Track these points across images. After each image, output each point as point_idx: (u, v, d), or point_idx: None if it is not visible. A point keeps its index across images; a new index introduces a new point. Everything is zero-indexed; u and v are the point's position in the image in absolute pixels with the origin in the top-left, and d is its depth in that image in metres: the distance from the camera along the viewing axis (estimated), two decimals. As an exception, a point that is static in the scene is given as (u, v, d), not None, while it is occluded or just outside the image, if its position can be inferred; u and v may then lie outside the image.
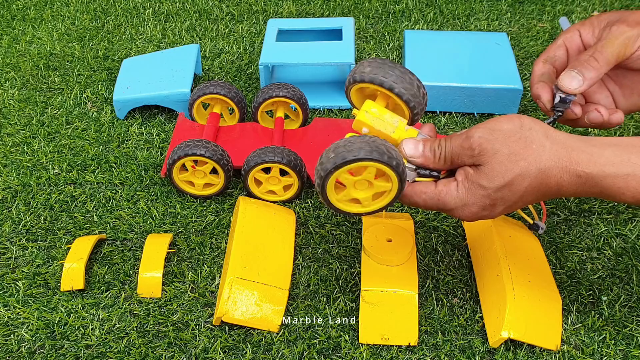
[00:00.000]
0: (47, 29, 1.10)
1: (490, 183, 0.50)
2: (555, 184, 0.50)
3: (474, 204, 0.51)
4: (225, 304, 0.61)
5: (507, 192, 0.50)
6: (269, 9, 1.13)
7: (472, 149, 0.50)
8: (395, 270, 0.63)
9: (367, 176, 0.52)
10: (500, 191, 0.50)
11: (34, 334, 0.62)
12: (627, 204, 0.53)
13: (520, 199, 0.51)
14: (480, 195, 0.51)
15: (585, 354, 0.59)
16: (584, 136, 0.51)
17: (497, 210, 0.52)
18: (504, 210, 0.52)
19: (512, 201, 0.51)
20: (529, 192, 0.51)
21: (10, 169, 0.81)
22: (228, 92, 0.82)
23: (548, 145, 0.49)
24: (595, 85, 0.62)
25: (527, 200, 0.52)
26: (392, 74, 0.53)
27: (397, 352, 0.60)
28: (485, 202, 0.51)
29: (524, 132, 0.50)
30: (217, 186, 0.75)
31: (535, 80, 0.62)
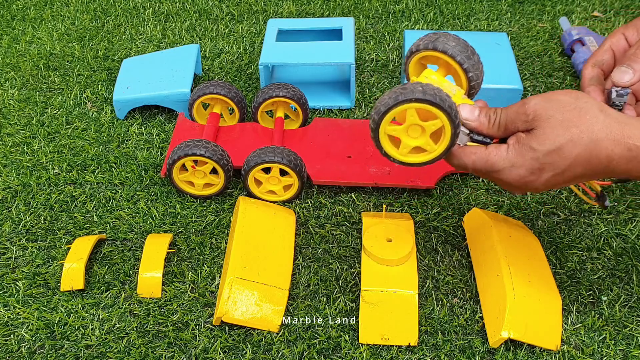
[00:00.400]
0: (47, 29, 1.10)
1: (541, 146, 0.51)
2: (606, 157, 0.50)
3: (522, 166, 0.52)
4: (225, 304, 0.61)
5: (557, 158, 0.51)
6: (269, 9, 1.13)
7: (527, 114, 0.51)
8: (395, 270, 0.63)
9: (412, 120, 0.52)
10: (550, 156, 0.51)
11: (34, 334, 0.62)
12: None
13: (569, 169, 0.51)
14: (529, 158, 0.51)
15: (585, 354, 0.59)
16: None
17: (544, 176, 0.52)
18: (551, 179, 0.52)
19: (560, 169, 0.51)
20: (578, 163, 0.51)
21: (10, 169, 0.81)
22: (228, 92, 0.82)
23: (601, 118, 0.50)
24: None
25: (576, 173, 0.52)
26: (454, 44, 0.55)
27: (397, 352, 0.60)
28: (534, 166, 0.52)
29: (580, 103, 0.51)
30: (217, 186, 0.75)
31: (586, 84, 0.62)
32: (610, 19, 1.07)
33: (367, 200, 0.76)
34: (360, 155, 0.79)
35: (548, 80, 0.94)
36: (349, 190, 0.77)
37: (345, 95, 0.91)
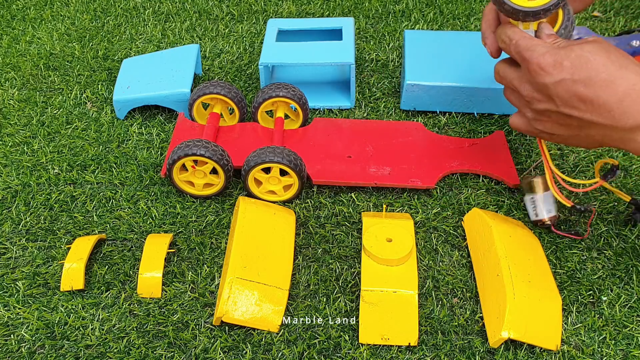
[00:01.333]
0: (47, 29, 1.10)
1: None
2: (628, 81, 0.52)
3: (552, 55, 0.55)
4: (225, 304, 0.61)
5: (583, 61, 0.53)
6: (269, 9, 1.13)
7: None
8: (395, 270, 0.63)
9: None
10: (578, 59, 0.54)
11: (34, 334, 0.62)
12: None
13: (591, 74, 0.53)
14: (561, 52, 0.55)
15: (585, 354, 0.59)
16: None
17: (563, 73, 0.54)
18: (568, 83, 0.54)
19: (583, 71, 0.53)
20: (600, 67, 0.52)
21: (10, 169, 0.81)
22: (228, 92, 0.82)
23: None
24: None
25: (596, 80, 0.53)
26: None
27: (397, 352, 0.60)
28: (561, 59, 0.54)
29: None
30: (217, 186, 0.75)
31: (488, 29, 0.65)
32: (610, 19, 1.07)
33: (367, 200, 0.76)
34: (360, 155, 0.79)
35: (548, 80, 0.94)
36: (349, 190, 0.77)
37: (345, 95, 0.91)
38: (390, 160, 0.78)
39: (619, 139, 0.54)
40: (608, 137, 0.55)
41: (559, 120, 0.57)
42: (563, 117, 0.56)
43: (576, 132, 0.57)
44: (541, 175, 0.70)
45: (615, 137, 0.54)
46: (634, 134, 0.53)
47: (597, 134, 0.55)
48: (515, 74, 0.59)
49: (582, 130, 0.56)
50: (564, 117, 0.56)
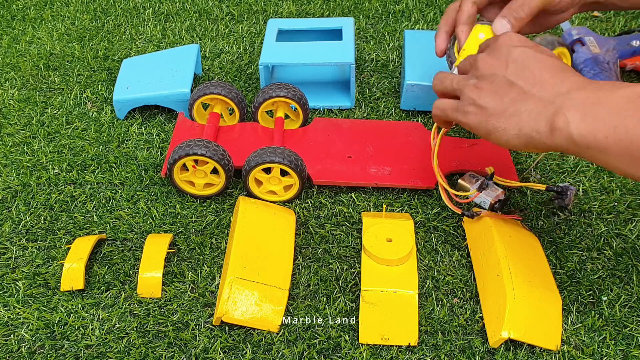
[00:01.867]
0: (47, 29, 1.10)
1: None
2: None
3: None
4: (225, 304, 0.61)
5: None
6: (269, 9, 1.13)
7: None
8: (395, 270, 0.63)
9: None
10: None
11: (34, 334, 0.62)
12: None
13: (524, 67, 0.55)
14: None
15: (585, 354, 0.59)
16: None
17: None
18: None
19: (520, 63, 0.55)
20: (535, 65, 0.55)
21: (10, 169, 0.81)
22: (228, 92, 0.82)
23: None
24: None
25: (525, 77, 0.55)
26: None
27: (397, 352, 0.60)
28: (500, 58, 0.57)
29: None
30: (218, 186, 0.75)
31: (463, 21, 0.68)
32: (610, 19, 1.07)
33: (367, 200, 0.76)
34: (361, 155, 0.79)
35: (548, 80, 0.94)
36: (349, 190, 0.77)
37: (345, 95, 0.91)
38: (391, 160, 0.78)
39: (548, 115, 0.52)
40: (536, 115, 0.53)
41: (499, 88, 0.56)
42: (505, 85, 0.55)
43: (508, 106, 0.55)
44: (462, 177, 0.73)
45: (545, 114, 0.52)
46: (564, 107, 0.51)
47: (526, 110, 0.53)
48: (470, 60, 0.61)
49: (515, 105, 0.54)
50: (507, 84, 0.55)
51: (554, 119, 0.51)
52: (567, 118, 0.50)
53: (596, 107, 0.49)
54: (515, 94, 0.54)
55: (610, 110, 0.49)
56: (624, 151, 0.48)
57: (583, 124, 0.49)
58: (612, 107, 0.49)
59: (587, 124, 0.49)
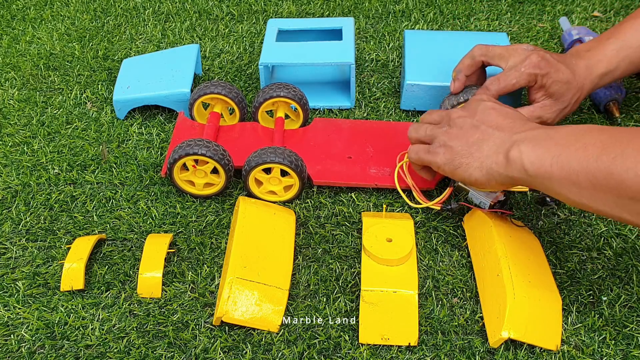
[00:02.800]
0: (47, 29, 1.10)
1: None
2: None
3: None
4: (225, 304, 0.61)
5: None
6: (269, 9, 1.13)
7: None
8: (395, 270, 0.63)
9: None
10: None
11: (34, 334, 0.62)
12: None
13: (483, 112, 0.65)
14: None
15: (585, 354, 0.59)
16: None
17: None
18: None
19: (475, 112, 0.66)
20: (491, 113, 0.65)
21: (10, 169, 0.81)
22: (228, 92, 0.82)
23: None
24: None
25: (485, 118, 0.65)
26: None
27: (397, 352, 0.60)
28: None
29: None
30: (218, 186, 0.75)
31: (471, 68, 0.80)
32: (610, 19, 1.07)
33: (367, 200, 0.76)
34: (361, 156, 0.79)
35: (548, 80, 0.94)
36: (349, 190, 0.77)
37: (345, 95, 0.91)
38: (391, 161, 0.78)
39: (505, 149, 0.60)
40: (495, 147, 0.61)
41: (466, 132, 0.64)
42: (472, 129, 0.64)
43: (472, 145, 0.63)
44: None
45: (502, 147, 0.60)
46: (520, 142, 0.59)
47: (487, 146, 0.62)
48: (442, 114, 0.70)
49: (478, 144, 0.63)
50: (473, 128, 0.64)
51: (510, 151, 0.59)
52: (520, 149, 0.58)
53: (544, 141, 0.57)
54: (479, 135, 0.63)
55: (556, 142, 0.56)
56: (565, 177, 0.54)
57: (533, 154, 0.57)
58: (557, 139, 0.56)
59: (537, 154, 0.57)
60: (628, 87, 0.93)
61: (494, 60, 0.77)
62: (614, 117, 0.86)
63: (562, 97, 0.74)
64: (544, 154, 0.56)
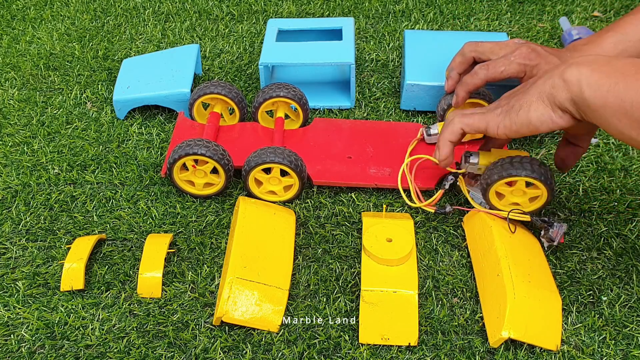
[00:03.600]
0: (47, 29, 1.10)
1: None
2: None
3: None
4: (225, 304, 0.61)
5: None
6: (269, 9, 1.13)
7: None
8: (395, 270, 0.63)
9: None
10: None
11: (34, 334, 0.62)
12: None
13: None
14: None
15: (585, 354, 0.59)
16: None
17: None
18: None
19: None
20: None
21: (10, 169, 0.81)
22: (228, 92, 0.82)
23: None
24: None
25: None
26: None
27: (397, 352, 0.60)
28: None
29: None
30: (218, 186, 0.75)
31: (469, 89, 0.76)
32: (610, 19, 1.07)
33: (367, 200, 0.76)
34: (361, 156, 0.79)
35: (548, 80, 0.94)
36: (349, 190, 0.77)
37: (345, 95, 0.91)
38: (391, 161, 0.78)
39: (559, 74, 0.57)
40: (549, 77, 0.58)
41: (515, 91, 0.63)
42: (521, 88, 0.62)
43: (525, 88, 0.61)
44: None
45: (559, 70, 0.58)
46: (572, 65, 0.57)
47: (542, 79, 0.59)
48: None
49: (532, 84, 0.60)
50: (522, 88, 0.62)
51: (566, 72, 0.56)
52: (580, 70, 0.55)
53: (603, 66, 0.55)
54: (531, 82, 0.61)
55: (615, 69, 0.54)
56: (619, 106, 0.53)
57: (592, 77, 0.55)
58: (617, 66, 0.54)
59: (595, 78, 0.54)
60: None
61: (484, 55, 0.76)
62: None
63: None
64: (602, 79, 0.54)
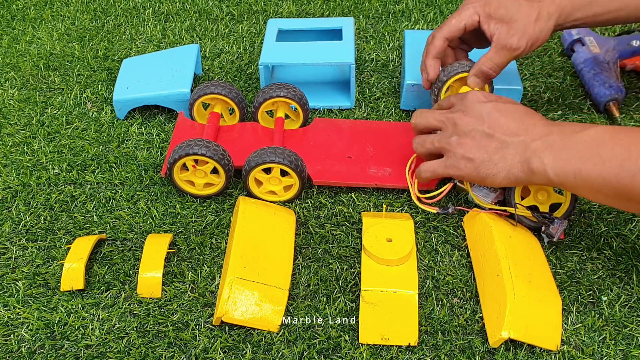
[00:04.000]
0: (47, 29, 1.10)
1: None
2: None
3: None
4: (225, 304, 0.61)
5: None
6: (269, 9, 1.13)
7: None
8: (395, 270, 0.63)
9: None
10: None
11: (34, 334, 0.62)
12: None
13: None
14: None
15: (585, 354, 0.59)
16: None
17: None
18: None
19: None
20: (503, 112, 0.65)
21: (10, 169, 0.81)
22: (228, 92, 0.82)
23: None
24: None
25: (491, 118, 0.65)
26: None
27: (397, 352, 0.60)
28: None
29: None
30: (218, 186, 0.75)
31: (432, 55, 0.76)
32: (610, 19, 1.07)
33: (367, 200, 0.76)
34: (361, 156, 0.79)
35: (548, 80, 0.94)
36: (349, 190, 0.77)
37: (345, 95, 0.91)
38: (391, 161, 0.78)
39: (526, 158, 0.61)
40: (518, 156, 0.62)
41: (481, 141, 0.64)
42: (485, 138, 0.64)
43: (492, 155, 0.63)
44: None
45: (523, 157, 0.61)
46: (537, 150, 0.60)
47: (509, 155, 0.62)
48: (442, 113, 0.69)
49: (498, 153, 0.63)
50: (486, 136, 0.64)
51: (532, 162, 0.60)
52: (543, 161, 0.60)
53: (562, 151, 0.59)
54: (496, 144, 0.63)
55: (573, 154, 0.58)
56: (589, 188, 0.58)
57: (555, 165, 0.59)
58: (573, 150, 0.58)
59: (558, 165, 0.59)
60: (628, 87, 0.93)
61: (451, 28, 0.74)
62: (614, 117, 0.86)
63: (514, 18, 0.70)
64: (565, 166, 0.58)
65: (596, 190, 0.58)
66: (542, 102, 0.90)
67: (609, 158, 0.56)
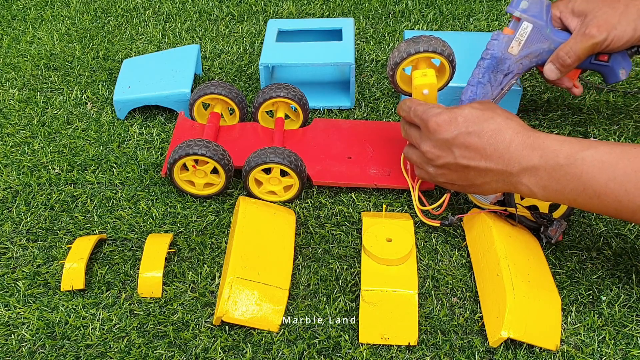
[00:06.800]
0: (48, 29, 1.10)
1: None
2: (508, 138, 0.60)
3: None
4: (226, 303, 0.61)
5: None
6: (269, 10, 1.13)
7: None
8: (395, 270, 0.63)
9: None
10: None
11: (35, 334, 0.62)
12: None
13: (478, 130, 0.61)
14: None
15: (584, 353, 0.59)
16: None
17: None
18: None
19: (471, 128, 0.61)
20: (485, 132, 0.61)
21: (11, 169, 0.81)
22: (229, 92, 0.82)
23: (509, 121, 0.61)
24: None
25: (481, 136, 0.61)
26: (430, 42, 0.68)
27: (397, 352, 0.60)
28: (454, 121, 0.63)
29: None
30: (218, 186, 0.75)
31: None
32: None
33: (367, 200, 0.76)
34: (360, 156, 0.79)
35: (548, 80, 0.94)
36: (349, 190, 0.77)
37: (345, 95, 0.91)
38: (391, 161, 0.78)
39: (511, 183, 0.61)
40: (502, 182, 0.61)
41: (459, 171, 0.63)
42: (462, 168, 0.62)
43: (474, 180, 0.63)
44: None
45: (508, 182, 0.61)
46: (521, 177, 0.59)
47: (492, 180, 0.62)
48: (417, 133, 0.66)
49: (479, 178, 0.62)
50: (462, 167, 0.62)
51: (518, 188, 0.60)
52: (529, 186, 0.59)
53: (554, 184, 0.58)
54: (474, 172, 0.62)
55: (565, 187, 0.58)
56: (574, 204, 0.59)
57: (538, 186, 0.59)
58: (565, 184, 0.58)
59: (552, 196, 0.59)
60: (628, 87, 0.93)
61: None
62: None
63: (597, 9, 0.69)
64: (559, 197, 0.59)
65: (582, 206, 0.59)
66: (542, 102, 0.90)
67: (604, 193, 0.56)
